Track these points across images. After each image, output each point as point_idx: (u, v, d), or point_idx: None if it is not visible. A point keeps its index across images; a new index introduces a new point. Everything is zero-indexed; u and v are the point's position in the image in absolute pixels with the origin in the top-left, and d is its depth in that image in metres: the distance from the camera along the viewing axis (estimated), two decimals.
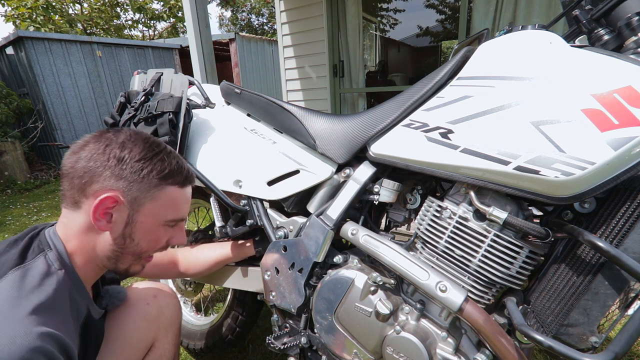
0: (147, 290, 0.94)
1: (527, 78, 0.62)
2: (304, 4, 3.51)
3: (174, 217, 0.71)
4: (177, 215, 0.71)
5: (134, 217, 0.66)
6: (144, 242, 0.69)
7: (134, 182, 0.64)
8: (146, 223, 0.67)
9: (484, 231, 0.68)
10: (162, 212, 0.69)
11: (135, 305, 0.88)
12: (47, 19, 9.11)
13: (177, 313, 0.96)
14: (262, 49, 9.21)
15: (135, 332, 0.84)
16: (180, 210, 0.72)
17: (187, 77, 1.09)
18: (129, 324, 0.84)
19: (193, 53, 2.91)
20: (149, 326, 0.87)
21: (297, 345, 0.94)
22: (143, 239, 0.69)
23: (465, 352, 0.74)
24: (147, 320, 0.87)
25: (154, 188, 0.66)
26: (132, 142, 0.65)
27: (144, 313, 0.87)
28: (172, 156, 0.70)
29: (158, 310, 0.90)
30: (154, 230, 0.69)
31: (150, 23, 12.78)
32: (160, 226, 0.70)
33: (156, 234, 0.70)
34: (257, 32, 21.84)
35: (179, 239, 0.75)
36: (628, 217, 0.55)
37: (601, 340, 0.58)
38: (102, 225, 0.64)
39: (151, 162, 0.65)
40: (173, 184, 0.69)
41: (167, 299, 0.94)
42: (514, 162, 0.60)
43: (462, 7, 2.84)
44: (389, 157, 0.78)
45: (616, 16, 0.64)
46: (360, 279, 0.80)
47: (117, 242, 0.66)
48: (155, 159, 0.66)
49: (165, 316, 0.91)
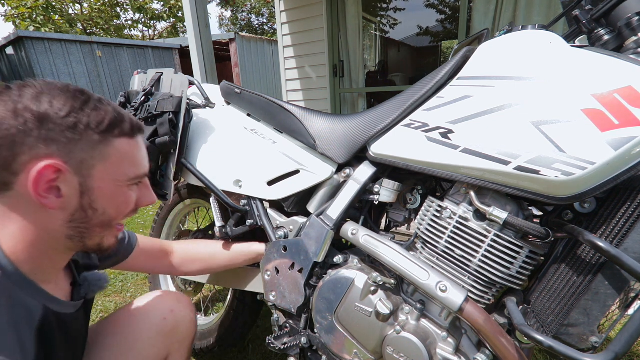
0: (164, 302, 0.89)
1: (527, 78, 0.62)
2: (304, 4, 3.51)
3: (135, 174, 0.62)
4: (139, 170, 0.62)
5: (87, 184, 0.55)
6: (110, 210, 0.60)
7: (71, 143, 0.53)
8: (106, 188, 0.58)
9: (484, 231, 0.68)
10: (120, 170, 0.59)
11: (151, 319, 0.84)
12: (47, 19, 9.11)
13: (193, 327, 0.93)
14: (262, 49, 9.21)
15: (150, 348, 0.81)
16: (140, 164, 0.63)
17: (187, 77, 1.09)
18: (144, 339, 0.81)
19: (193, 53, 2.91)
20: (163, 342, 0.84)
21: (297, 345, 0.94)
22: (109, 206, 0.59)
23: (465, 352, 0.74)
24: (163, 335, 0.84)
25: (99, 145, 0.55)
26: (49, 94, 0.53)
27: (160, 328, 0.84)
28: (105, 102, 0.58)
29: (174, 325, 0.86)
30: (118, 193, 0.60)
31: (150, 23, 12.78)
32: (124, 187, 0.61)
33: (122, 196, 0.61)
34: (257, 32, 21.84)
35: (148, 198, 0.67)
36: (628, 217, 0.55)
37: (601, 340, 0.58)
38: (50, 202, 0.53)
39: (82, 113, 0.54)
40: (120, 136, 0.58)
41: (184, 312, 0.90)
42: (514, 162, 0.60)
43: (462, 7, 2.84)
44: (389, 157, 0.78)
45: (616, 16, 0.64)
46: (361, 279, 0.80)
47: (77, 217, 0.57)
48: (86, 109, 0.54)
49: (181, 331, 0.88)
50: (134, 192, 0.63)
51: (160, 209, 1.47)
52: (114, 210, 0.61)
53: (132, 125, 0.60)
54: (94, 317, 1.70)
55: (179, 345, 0.88)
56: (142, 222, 3.14)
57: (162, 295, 0.91)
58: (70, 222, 0.57)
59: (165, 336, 0.84)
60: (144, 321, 0.83)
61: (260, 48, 9.14)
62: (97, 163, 0.56)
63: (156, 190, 1.09)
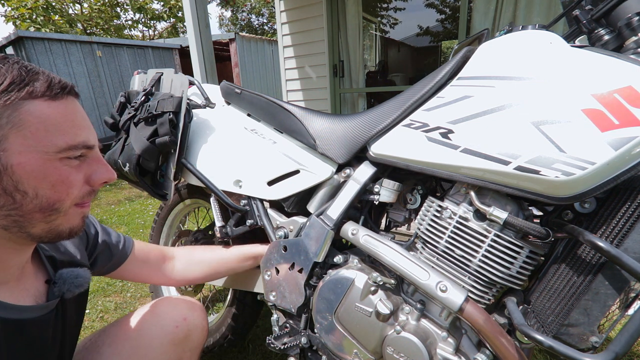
0: (178, 310, 0.87)
1: (527, 78, 0.62)
2: (304, 4, 3.51)
3: (68, 143, 0.50)
4: (71, 139, 0.51)
5: (2, 160, 0.46)
6: (45, 190, 0.49)
7: None
8: (29, 163, 0.48)
9: (484, 231, 0.68)
10: (43, 140, 0.48)
11: (164, 326, 0.82)
12: (47, 19, 9.11)
13: (204, 335, 0.91)
14: (262, 49, 9.22)
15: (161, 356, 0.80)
16: (72, 131, 0.51)
17: (187, 77, 1.09)
18: (156, 346, 0.79)
19: (193, 53, 2.92)
20: (174, 350, 0.82)
21: (297, 345, 0.94)
22: (41, 186, 0.49)
23: (465, 352, 0.74)
24: (174, 344, 0.82)
25: (6, 110, 0.46)
26: None
27: (172, 337, 0.81)
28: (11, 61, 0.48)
29: (187, 333, 0.84)
30: (49, 169, 0.49)
31: (150, 23, 12.79)
32: (56, 161, 0.50)
33: (57, 173, 0.50)
34: (257, 32, 21.85)
35: (102, 174, 0.56)
36: (628, 217, 0.55)
37: (601, 340, 0.58)
38: None
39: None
40: (34, 97, 0.48)
41: (197, 320, 0.87)
42: (514, 162, 0.60)
43: (462, 7, 2.84)
44: (389, 157, 0.78)
45: (616, 16, 0.64)
46: (361, 279, 0.80)
47: (3, 203, 0.48)
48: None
49: (193, 339, 0.86)
50: (74, 168, 0.52)
51: (160, 209, 1.47)
52: (51, 191, 0.50)
53: (50, 84, 0.50)
54: (93, 317, 1.70)
55: (190, 353, 0.86)
56: (142, 222, 3.14)
57: (176, 302, 0.89)
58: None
59: (177, 345, 0.82)
60: (156, 328, 0.81)
61: (260, 48, 9.15)
62: (10, 133, 0.46)
63: (156, 190, 1.09)
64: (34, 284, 0.62)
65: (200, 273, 1.00)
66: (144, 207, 3.61)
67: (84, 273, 0.68)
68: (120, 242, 0.85)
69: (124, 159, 1.02)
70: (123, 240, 0.86)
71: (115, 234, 0.85)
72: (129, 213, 3.43)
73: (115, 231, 0.87)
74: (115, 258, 0.84)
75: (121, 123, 1.06)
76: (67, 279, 0.65)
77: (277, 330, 0.98)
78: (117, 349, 0.77)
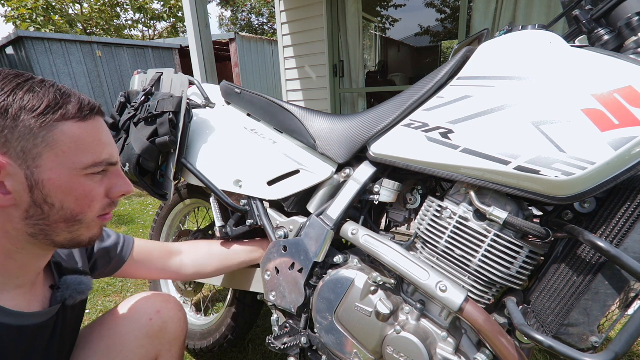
0: (150, 303, 0.86)
1: (527, 78, 0.62)
2: (304, 4, 3.51)
3: (93, 161, 0.55)
4: (97, 157, 0.55)
5: (35, 176, 0.50)
6: (70, 203, 0.54)
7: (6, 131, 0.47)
8: (58, 179, 0.52)
9: (484, 231, 0.68)
10: (73, 158, 0.52)
11: (137, 320, 0.82)
12: (47, 20, 9.12)
13: (182, 327, 0.91)
14: (262, 49, 9.22)
15: (138, 350, 0.79)
16: (98, 150, 0.55)
17: (187, 77, 1.09)
18: (131, 340, 0.79)
19: (193, 53, 2.92)
20: (151, 343, 0.82)
21: (297, 345, 0.94)
22: (66, 199, 0.53)
23: (465, 352, 0.74)
24: (150, 337, 0.81)
25: (41, 131, 0.49)
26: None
27: (147, 330, 0.81)
28: (47, 85, 0.52)
29: (162, 325, 0.84)
30: (75, 184, 0.54)
31: (150, 23, 12.79)
32: (82, 177, 0.54)
33: (81, 188, 0.54)
34: (257, 32, 21.85)
35: (123, 187, 0.60)
36: (628, 217, 0.55)
37: (601, 340, 0.58)
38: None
39: (14, 97, 0.48)
40: (67, 119, 0.52)
41: (172, 312, 0.87)
42: (514, 162, 0.60)
43: (462, 7, 2.84)
44: (389, 157, 0.78)
45: (616, 16, 0.64)
46: (361, 279, 0.80)
47: (33, 213, 0.52)
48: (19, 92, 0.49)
49: (169, 331, 0.85)
50: (96, 183, 0.57)
51: (160, 209, 1.47)
52: (75, 204, 0.54)
53: (81, 106, 0.54)
54: (93, 317, 1.69)
55: (170, 345, 0.86)
56: (143, 222, 3.14)
57: (149, 297, 0.89)
58: (27, 219, 0.52)
59: (153, 337, 0.82)
60: (130, 323, 0.81)
61: (260, 48, 9.15)
62: (44, 152, 0.50)
63: (156, 190, 1.09)
64: (42, 290, 0.64)
65: (213, 267, 1.00)
66: (144, 207, 3.61)
67: (87, 280, 0.71)
68: (119, 244, 0.85)
69: (124, 159, 1.02)
70: (122, 242, 0.86)
71: (115, 236, 0.85)
72: (129, 213, 3.43)
73: (115, 232, 0.87)
74: (113, 262, 0.84)
75: (121, 123, 1.06)
76: (70, 285, 0.68)
77: (277, 330, 0.98)
78: (92, 349, 0.76)
